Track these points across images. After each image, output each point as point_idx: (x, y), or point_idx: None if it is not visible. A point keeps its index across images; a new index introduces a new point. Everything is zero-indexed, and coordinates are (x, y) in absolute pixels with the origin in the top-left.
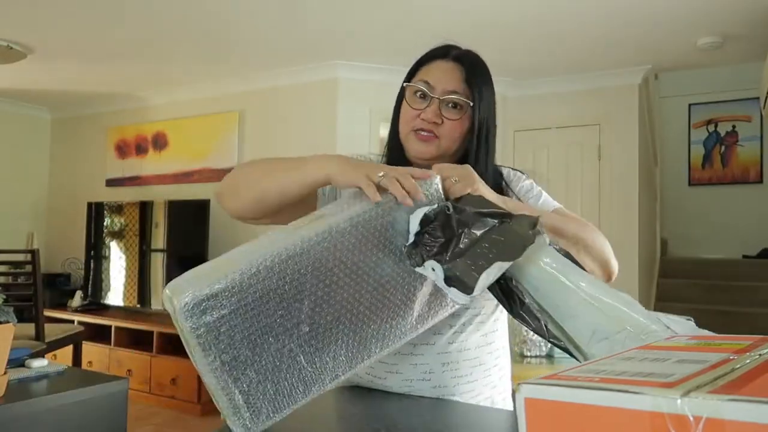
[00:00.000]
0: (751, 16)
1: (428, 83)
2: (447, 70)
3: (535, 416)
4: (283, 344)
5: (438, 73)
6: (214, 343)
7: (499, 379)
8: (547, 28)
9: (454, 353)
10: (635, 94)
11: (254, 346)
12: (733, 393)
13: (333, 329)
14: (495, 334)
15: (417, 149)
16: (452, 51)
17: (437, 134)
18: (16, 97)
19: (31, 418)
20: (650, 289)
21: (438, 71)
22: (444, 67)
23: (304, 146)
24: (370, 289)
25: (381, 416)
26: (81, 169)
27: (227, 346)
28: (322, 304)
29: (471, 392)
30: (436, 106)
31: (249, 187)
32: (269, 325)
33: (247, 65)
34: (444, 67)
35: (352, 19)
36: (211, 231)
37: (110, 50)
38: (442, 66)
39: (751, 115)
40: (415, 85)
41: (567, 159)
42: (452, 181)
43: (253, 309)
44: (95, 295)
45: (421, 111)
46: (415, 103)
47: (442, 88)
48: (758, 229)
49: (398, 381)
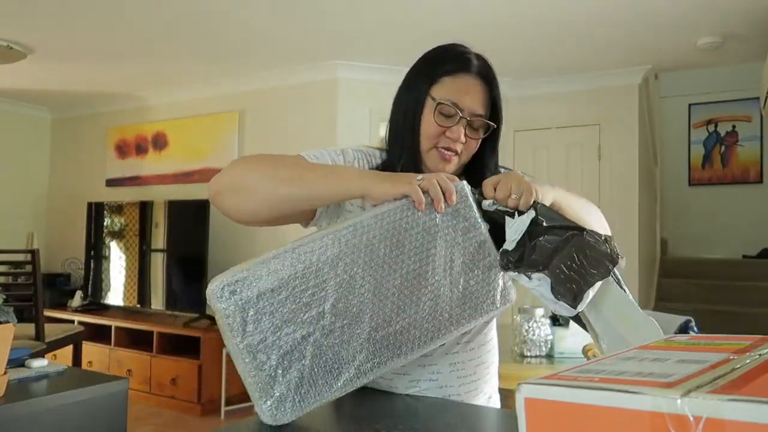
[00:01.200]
0: (751, 16)
1: (456, 104)
2: (473, 88)
3: (535, 416)
4: (308, 332)
5: (464, 91)
6: (242, 326)
7: (493, 375)
8: (547, 28)
9: (461, 353)
10: (635, 94)
11: (279, 332)
12: (733, 393)
13: (358, 322)
14: (491, 332)
15: (437, 166)
16: (474, 62)
17: (458, 152)
18: (16, 97)
19: (31, 418)
20: (650, 289)
21: (464, 89)
22: (469, 83)
23: (304, 146)
24: (395, 284)
25: (382, 416)
26: (81, 169)
27: (253, 329)
28: (347, 295)
29: (474, 391)
30: (463, 126)
31: (261, 190)
32: (294, 311)
33: (247, 65)
34: (469, 84)
35: (352, 19)
36: (211, 231)
37: (110, 50)
38: (468, 82)
39: (751, 115)
40: (446, 104)
41: (567, 159)
42: (514, 198)
43: (279, 294)
44: (95, 295)
45: (446, 129)
46: (441, 120)
47: (469, 110)
48: (758, 229)
49: (404, 382)
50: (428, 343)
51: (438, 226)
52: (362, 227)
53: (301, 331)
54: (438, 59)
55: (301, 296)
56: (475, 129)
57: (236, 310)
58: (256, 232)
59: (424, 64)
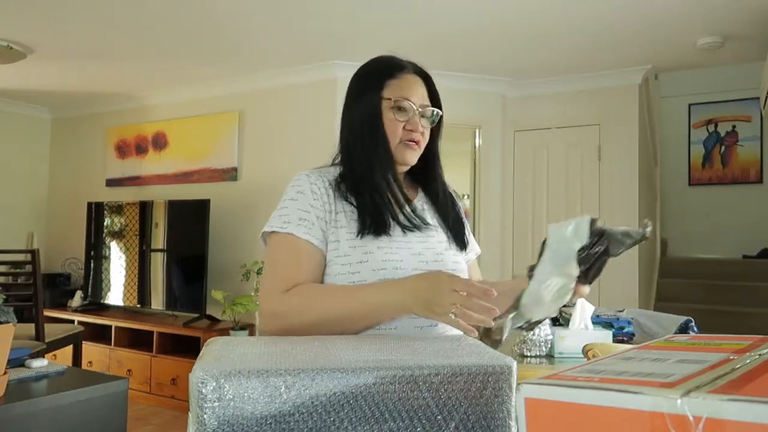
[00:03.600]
0: (751, 16)
1: (409, 99)
2: (415, 84)
3: (535, 416)
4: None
5: (410, 87)
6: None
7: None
8: (547, 29)
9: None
10: (635, 94)
11: None
12: (733, 393)
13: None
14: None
15: (408, 158)
16: (408, 65)
17: (418, 141)
18: (16, 97)
19: (31, 418)
20: (650, 289)
21: (408, 86)
22: (411, 80)
23: (304, 146)
24: None
25: None
26: (81, 169)
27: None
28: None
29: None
30: (417, 118)
31: (313, 332)
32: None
33: (247, 65)
34: (411, 81)
35: (352, 19)
36: (211, 231)
37: (110, 50)
38: (410, 80)
39: (751, 115)
40: (400, 100)
41: (567, 159)
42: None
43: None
44: (95, 295)
45: (405, 122)
46: (400, 116)
47: (419, 102)
48: (758, 229)
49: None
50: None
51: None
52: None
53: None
54: (377, 69)
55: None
56: (425, 118)
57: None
58: (256, 232)
59: (366, 76)
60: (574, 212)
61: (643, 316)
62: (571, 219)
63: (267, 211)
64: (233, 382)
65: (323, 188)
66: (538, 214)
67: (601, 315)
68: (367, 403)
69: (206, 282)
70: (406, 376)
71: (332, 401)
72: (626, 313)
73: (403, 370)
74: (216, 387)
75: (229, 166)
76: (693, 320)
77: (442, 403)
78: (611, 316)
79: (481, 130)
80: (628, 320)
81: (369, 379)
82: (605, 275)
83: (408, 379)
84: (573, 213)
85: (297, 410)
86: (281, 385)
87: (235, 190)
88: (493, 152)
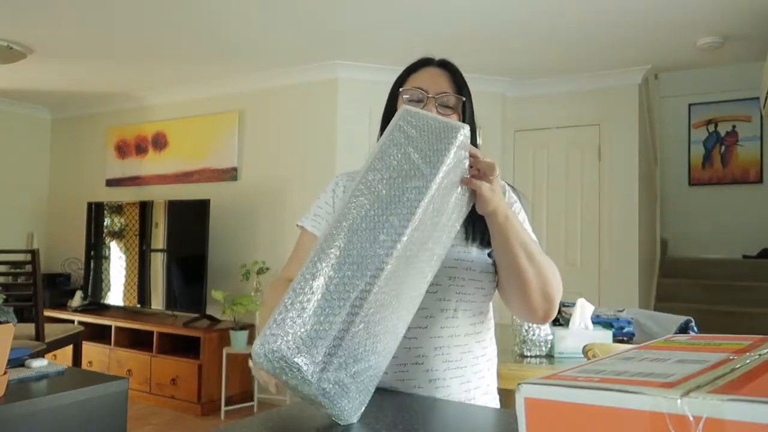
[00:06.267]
0: (751, 16)
1: (421, 88)
2: (435, 74)
3: (535, 416)
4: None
5: (428, 77)
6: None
7: (488, 370)
8: (547, 28)
9: (445, 338)
10: (635, 94)
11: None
12: (733, 393)
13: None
14: (482, 324)
15: None
16: (433, 59)
17: None
18: (16, 97)
19: (31, 418)
20: (650, 289)
21: (427, 76)
22: (432, 72)
23: (304, 146)
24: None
25: (381, 416)
26: (81, 169)
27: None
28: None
29: (461, 378)
30: (432, 106)
31: None
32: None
33: (247, 65)
34: (432, 72)
35: (352, 20)
36: (211, 231)
37: (110, 50)
38: (431, 71)
39: (751, 115)
40: (411, 89)
41: (567, 159)
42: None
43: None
44: (95, 295)
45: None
46: (412, 105)
47: (435, 90)
48: (758, 229)
49: (393, 366)
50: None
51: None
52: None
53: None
54: (407, 68)
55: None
56: (447, 106)
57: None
58: (256, 232)
59: (398, 77)
60: (574, 212)
61: (643, 316)
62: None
63: (267, 211)
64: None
65: (346, 188)
66: (538, 214)
67: (601, 315)
68: None
69: (206, 282)
70: None
71: None
72: (626, 313)
73: None
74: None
75: (229, 166)
76: (693, 320)
77: None
78: (611, 316)
79: (481, 130)
80: (628, 320)
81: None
82: (605, 275)
83: None
84: (573, 213)
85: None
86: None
87: (235, 190)
88: (493, 152)
